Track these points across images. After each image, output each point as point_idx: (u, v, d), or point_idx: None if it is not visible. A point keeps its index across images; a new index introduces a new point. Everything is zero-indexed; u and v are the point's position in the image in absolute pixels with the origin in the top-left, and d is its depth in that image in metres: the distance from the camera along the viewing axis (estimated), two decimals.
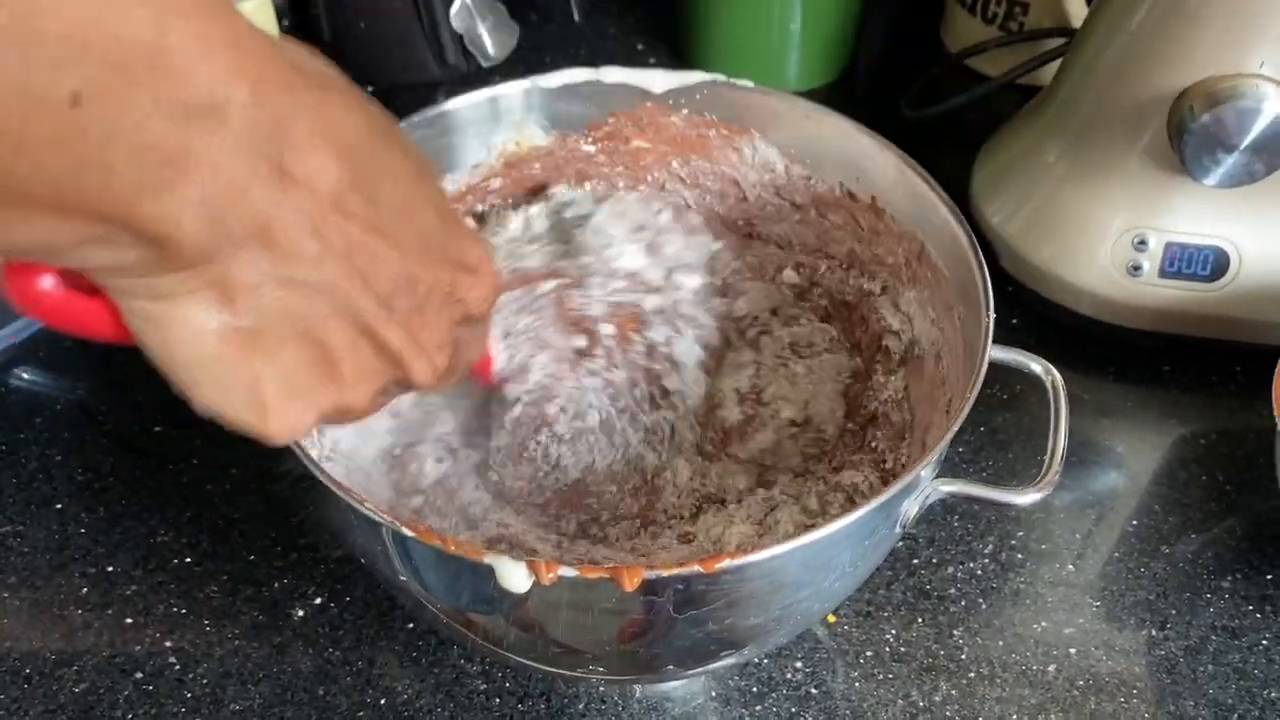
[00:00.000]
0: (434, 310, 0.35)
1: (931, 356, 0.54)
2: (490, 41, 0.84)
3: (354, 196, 0.30)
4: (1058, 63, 0.74)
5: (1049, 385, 0.49)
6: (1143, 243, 0.66)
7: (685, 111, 0.58)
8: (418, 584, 0.43)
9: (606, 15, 0.96)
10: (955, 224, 0.50)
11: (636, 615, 0.40)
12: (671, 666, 0.47)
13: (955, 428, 0.42)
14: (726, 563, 0.37)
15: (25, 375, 0.70)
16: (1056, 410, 0.48)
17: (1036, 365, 0.50)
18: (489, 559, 0.37)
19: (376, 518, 0.39)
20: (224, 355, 0.31)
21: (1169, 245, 0.65)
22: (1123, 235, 0.66)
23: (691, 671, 0.50)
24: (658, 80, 0.57)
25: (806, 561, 0.41)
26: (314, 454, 0.43)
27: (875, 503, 0.39)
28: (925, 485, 0.44)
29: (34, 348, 0.71)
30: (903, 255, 0.55)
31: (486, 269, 0.37)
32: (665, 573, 0.37)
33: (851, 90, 0.90)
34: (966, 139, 0.79)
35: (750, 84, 0.57)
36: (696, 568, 0.37)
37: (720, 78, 0.57)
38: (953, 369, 0.51)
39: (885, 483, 0.51)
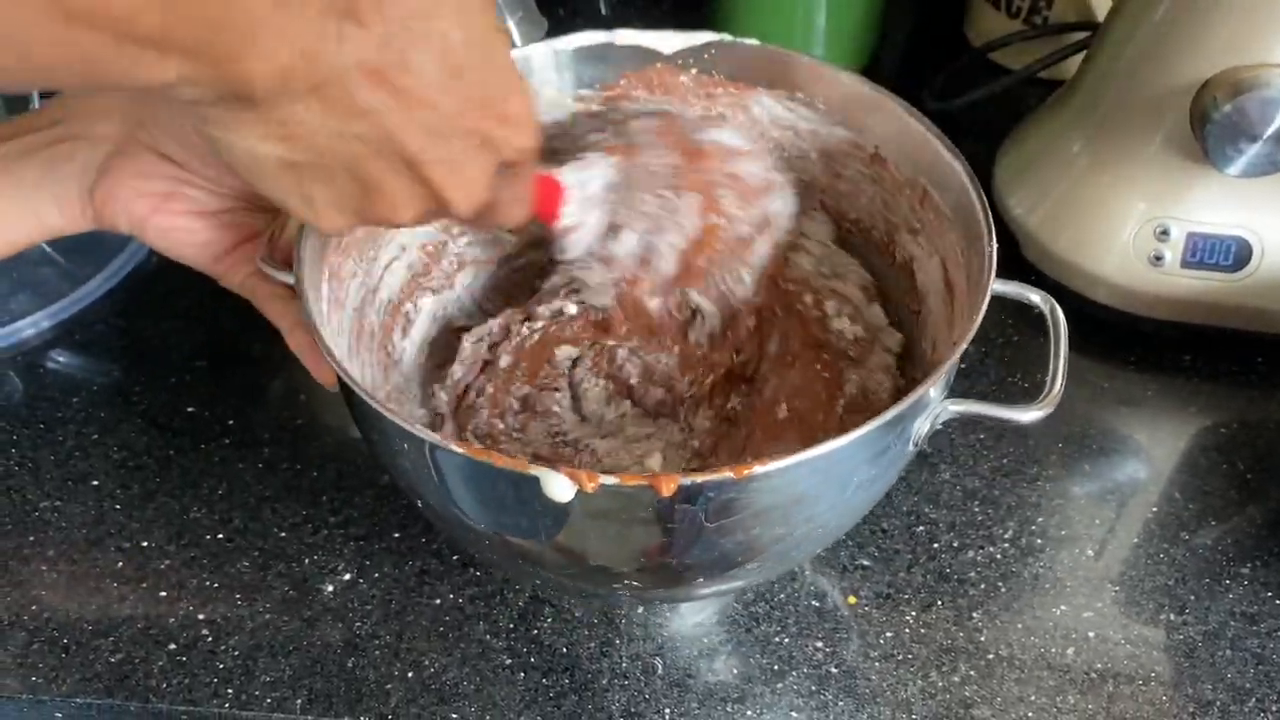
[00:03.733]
0: (470, 157, 0.40)
1: (939, 300, 0.55)
2: (518, 34, 0.85)
3: (395, 66, 0.36)
4: (1081, 56, 0.75)
5: (1047, 313, 0.51)
6: (1165, 233, 0.66)
7: (695, 71, 0.59)
8: (459, 505, 0.44)
9: (633, 9, 0.97)
10: (955, 163, 0.51)
11: (670, 524, 0.42)
12: (702, 579, 0.48)
13: (963, 347, 0.44)
14: (756, 469, 0.39)
15: (61, 358, 0.71)
16: (1056, 337, 0.50)
17: (1034, 295, 0.51)
18: (534, 471, 0.39)
19: (422, 435, 0.41)
20: (282, 176, 0.38)
21: (1191, 235, 0.66)
22: (1145, 225, 0.66)
23: (718, 585, 0.52)
24: (668, 41, 0.58)
25: (824, 472, 0.43)
26: (359, 378, 0.45)
27: (886, 416, 0.41)
28: (935, 404, 0.46)
29: (70, 331, 0.72)
30: (906, 203, 0.56)
31: (526, 121, 0.41)
32: (700, 479, 0.39)
33: (875, 83, 0.91)
34: (989, 132, 0.80)
35: (756, 41, 0.58)
36: (729, 473, 0.39)
37: (726, 37, 0.58)
38: (959, 308, 0.52)
39: None
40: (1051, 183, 0.71)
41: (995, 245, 0.47)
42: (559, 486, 0.39)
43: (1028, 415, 0.47)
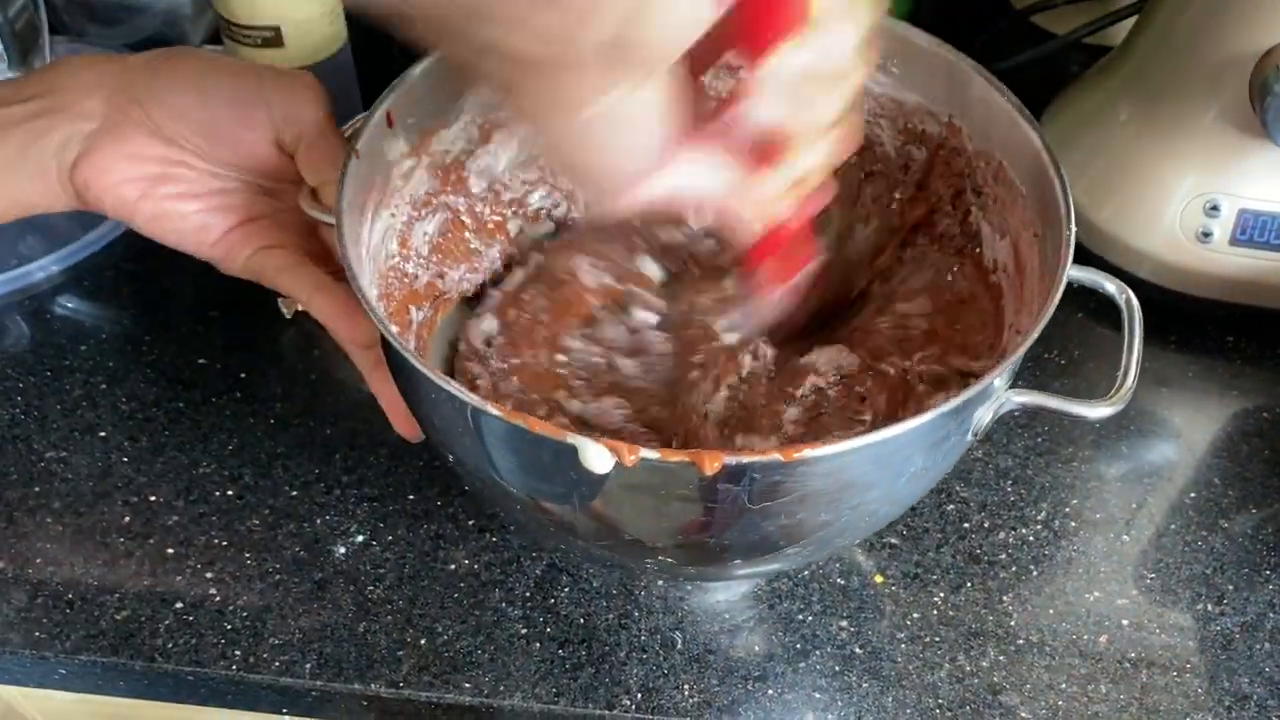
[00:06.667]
0: None
1: (1010, 284, 0.52)
2: None
3: None
4: (1129, 22, 0.72)
5: (1123, 304, 0.48)
6: (1215, 208, 0.64)
7: None
8: (496, 468, 0.43)
9: None
10: (1037, 140, 0.48)
11: (711, 503, 0.40)
12: (739, 560, 0.46)
13: (1033, 336, 0.41)
14: (806, 452, 0.37)
15: (69, 304, 0.69)
16: (1130, 330, 0.47)
17: (1110, 284, 0.48)
18: (571, 439, 0.37)
19: (462, 396, 0.39)
20: None
21: (1242, 212, 0.63)
22: (1194, 200, 0.64)
23: (755, 567, 0.50)
24: None
25: (879, 460, 0.41)
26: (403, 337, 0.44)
27: (948, 406, 0.39)
28: (998, 394, 0.44)
29: (80, 276, 0.70)
30: (980, 176, 0.53)
31: None
32: (746, 459, 0.37)
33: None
34: (1030, 97, 0.76)
35: None
36: (776, 455, 0.37)
37: None
38: (1029, 290, 0.49)
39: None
40: (1096, 153, 0.69)
41: (1074, 229, 0.44)
42: (597, 457, 0.37)
43: (1096, 412, 0.44)
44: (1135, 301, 0.48)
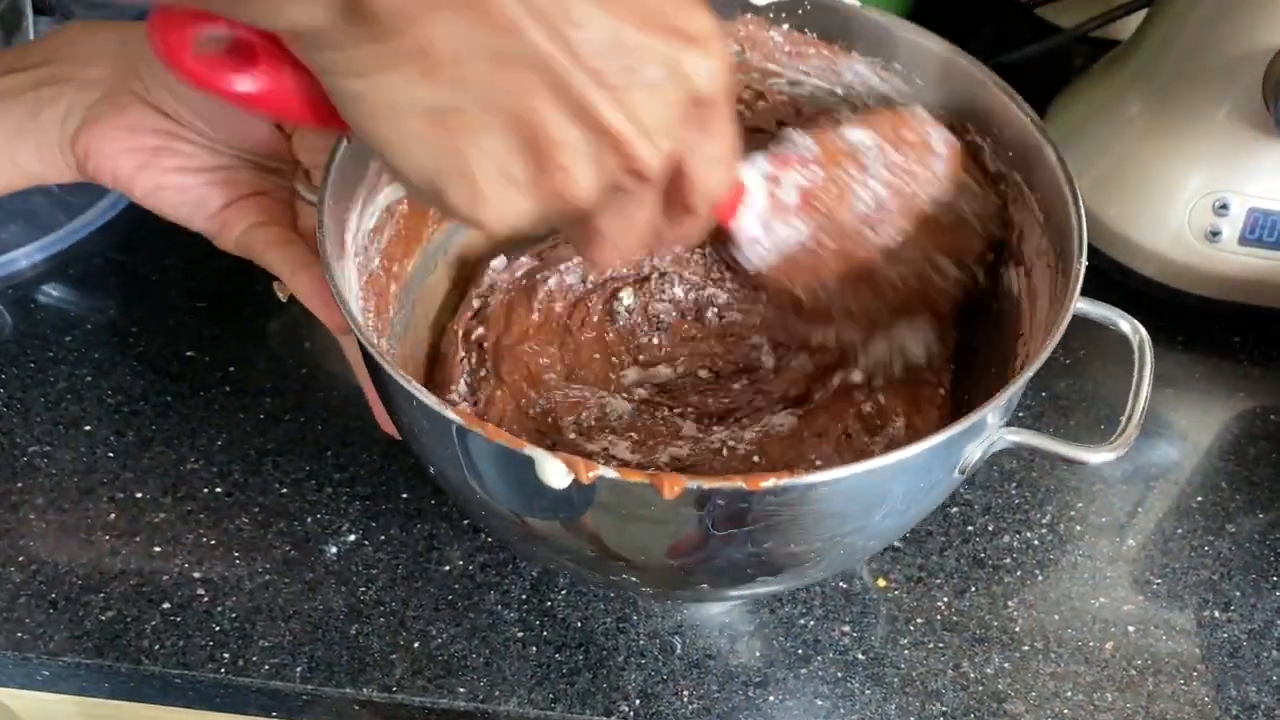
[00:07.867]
0: (653, 85, 0.31)
1: (1012, 310, 0.51)
2: None
3: None
4: (1136, 15, 0.71)
5: (1135, 345, 0.46)
6: (1224, 207, 0.62)
7: (786, 27, 0.55)
8: (472, 476, 0.42)
9: None
10: (1055, 163, 0.47)
11: (674, 527, 0.39)
12: (706, 586, 0.45)
13: (1030, 372, 0.40)
14: (771, 482, 0.36)
15: (54, 293, 0.68)
16: (1141, 372, 0.45)
17: (1125, 323, 0.47)
18: (529, 451, 0.36)
19: (435, 407, 0.38)
20: (429, 136, 0.31)
21: (1252, 211, 0.62)
22: (1203, 198, 0.63)
23: (727, 593, 0.49)
24: None
25: (854, 492, 0.39)
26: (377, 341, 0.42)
27: (934, 440, 0.37)
28: (990, 431, 0.42)
29: (65, 264, 0.69)
30: (998, 200, 0.52)
31: (713, 42, 0.33)
32: (707, 485, 0.36)
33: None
34: (1034, 91, 0.75)
35: (856, 2, 0.53)
36: (740, 484, 0.36)
37: None
38: (1037, 325, 0.48)
39: None
40: (1103, 149, 0.67)
41: (1085, 263, 0.43)
42: (554, 473, 0.36)
43: (1097, 457, 0.42)
44: (1149, 343, 0.46)
